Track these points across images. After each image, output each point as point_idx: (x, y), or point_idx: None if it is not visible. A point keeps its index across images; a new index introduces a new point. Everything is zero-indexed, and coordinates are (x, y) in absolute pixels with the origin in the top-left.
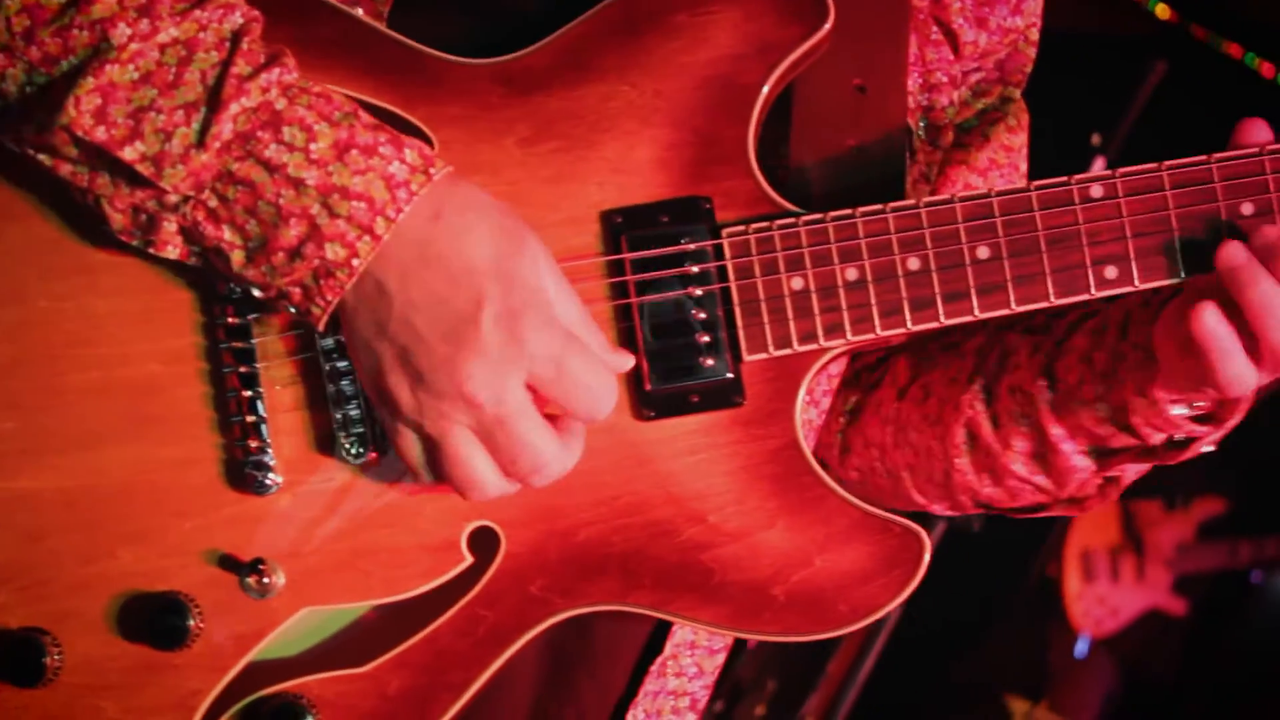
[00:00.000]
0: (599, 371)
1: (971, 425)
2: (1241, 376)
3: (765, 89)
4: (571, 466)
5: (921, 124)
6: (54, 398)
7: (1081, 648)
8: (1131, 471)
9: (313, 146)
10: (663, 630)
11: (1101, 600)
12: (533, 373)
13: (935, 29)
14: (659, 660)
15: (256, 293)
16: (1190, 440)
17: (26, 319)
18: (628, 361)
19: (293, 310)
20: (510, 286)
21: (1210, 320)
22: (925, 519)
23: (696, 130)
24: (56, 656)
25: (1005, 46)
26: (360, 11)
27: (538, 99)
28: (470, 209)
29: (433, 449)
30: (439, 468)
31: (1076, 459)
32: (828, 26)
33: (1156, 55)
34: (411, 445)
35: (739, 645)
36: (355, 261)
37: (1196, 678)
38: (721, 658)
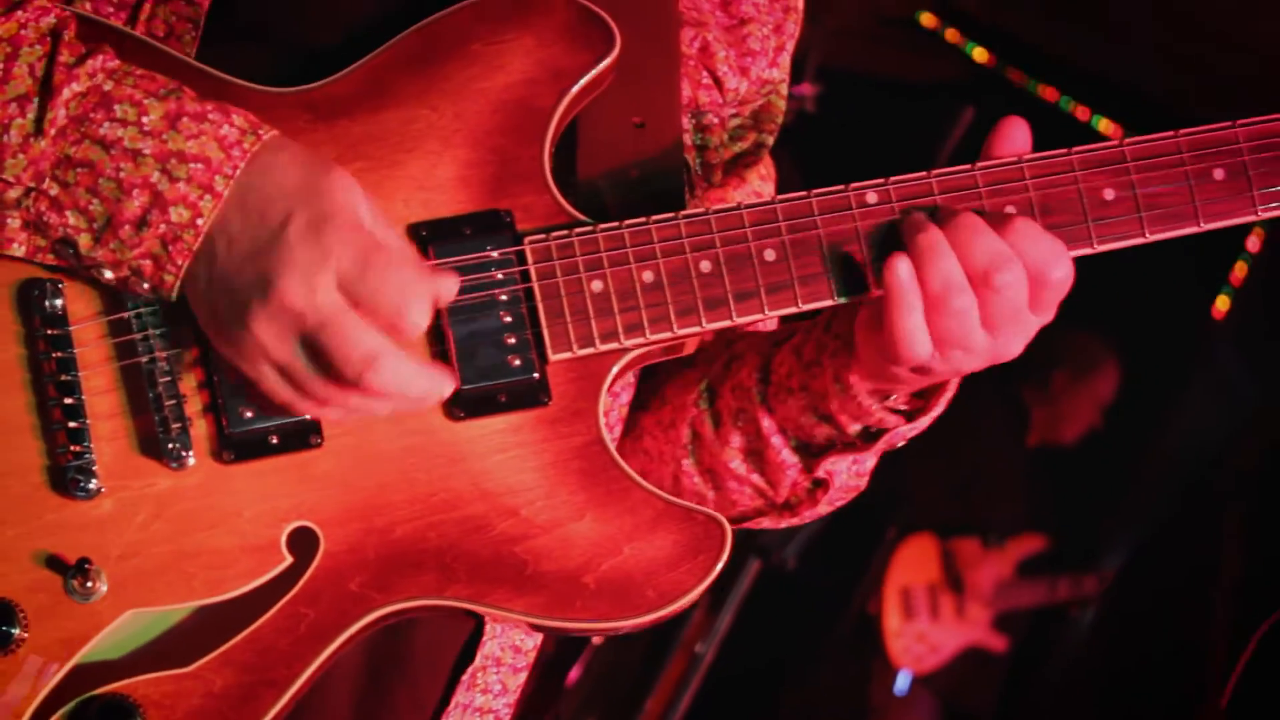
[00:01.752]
0: (407, 270)
1: (695, 424)
2: (915, 333)
3: (559, 111)
4: (407, 372)
5: (697, 161)
6: None
7: (902, 684)
8: (840, 476)
9: (145, 119)
10: (474, 640)
11: (921, 637)
12: (340, 271)
13: (705, 74)
14: (470, 670)
15: (108, 274)
16: (882, 430)
17: None
18: (454, 281)
19: (144, 286)
20: (315, 200)
21: (902, 269)
22: (740, 558)
23: (495, 149)
24: None
25: (761, 96)
26: (168, 48)
27: (342, 124)
28: (283, 149)
29: (289, 374)
30: (304, 389)
31: (785, 454)
32: (615, 53)
33: (967, 100)
34: (274, 383)
35: (558, 680)
36: (199, 221)
37: (1015, 713)
38: (524, 676)
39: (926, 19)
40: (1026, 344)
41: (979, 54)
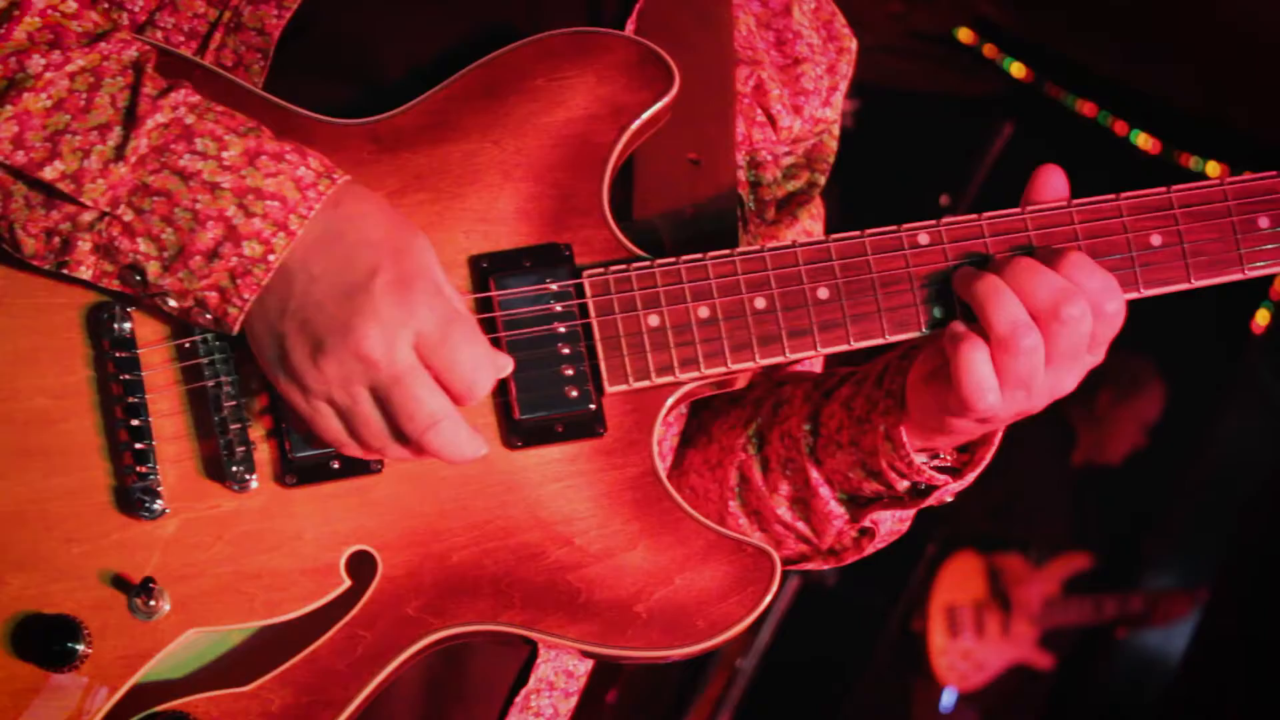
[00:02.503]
0: (481, 345)
1: (744, 468)
2: (984, 381)
3: (618, 147)
4: (463, 438)
5: (751, 198)
6: None
7: (947, 702)
8: (885, 525)
9: (225, 154)
10: (529, 664)
11: (967, 655)
12: (420, 334)
13: (759, 112)
14: (523, 692)
15: (172, 303)
16: (932, 488)
17: None
18: (507, 362)
19: (208, 317)
20: (402, 259)
21: (959, 326)
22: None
23: (555, 184)
24: None
25: (814, 135)
26: (237, 78)
27: (405, 156)
28: (367, 200)
29: (347, 417)
30: (357, 435)
31: (833, 505)
32: (674, 90)
33: (1005, 115)
34: (329, 420)
35: (595, 698)
36: (271, 257)
37: None
38: (575, 701)
39: (964, 35)
40: (1079, 382)
41: (1017, 69)
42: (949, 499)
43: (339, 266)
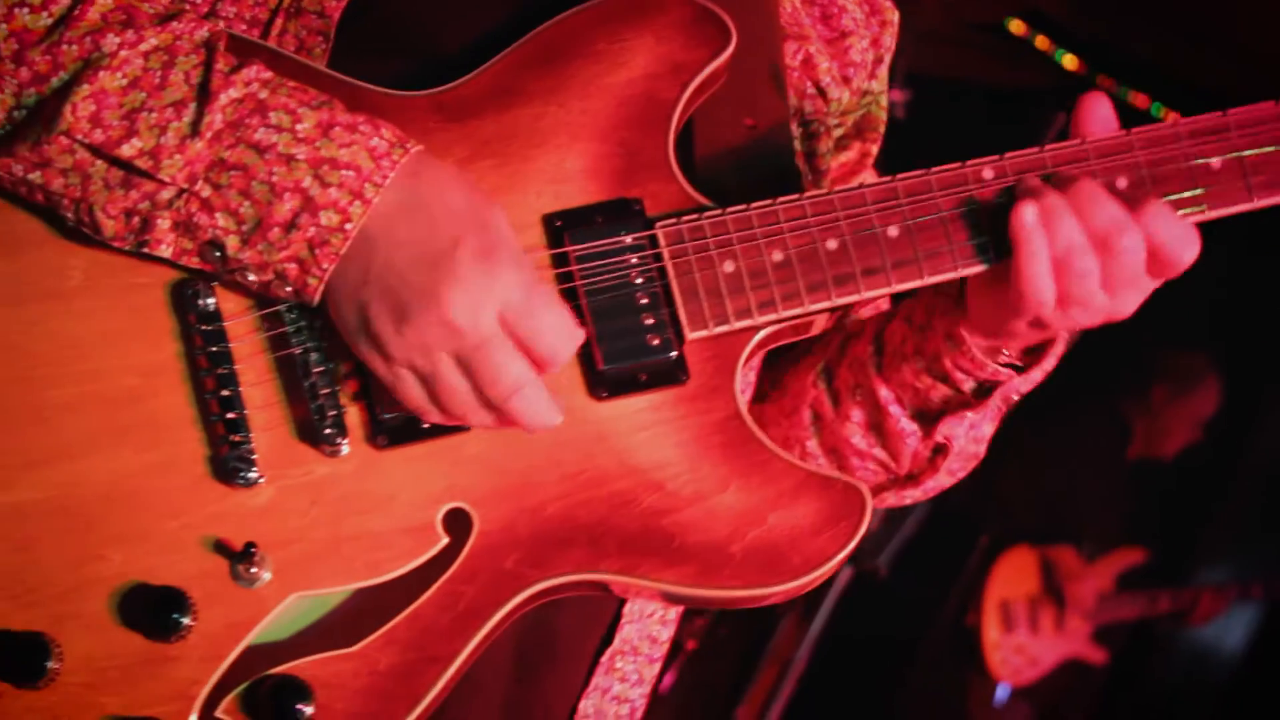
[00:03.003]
0: (563, 314)
1: (815, 405)
2: (1041, 279)
3: (680, 103)
4: (544, 405)
5: (807, 167)
6: (33, 415)
7: (1000, 696)
8: (959, 440)
9: (299, 127)
10: (613, 625)
11: (1021, 650)
12: (505, 303)
13: (809, 85)
14: (609, 652)
15: (252, 276)
16: (996, 384)
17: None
18: (582, 333)
19: (288, 289)
20: (484, 228)
21: (1028, 214)
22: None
23: (621, 142)
24: (57, 657)
25: (862, 107)
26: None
27: (472, 124)
28: (444, 169)
29: (429, 383)
30: (439, 400)
31: (904, 422)
32: (732, 46)
33: (1057, 107)
34: (410, 386)
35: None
36: (348, 226)
37: None
38: (658, 668)
39: (1016, 26)
40: (1140, 304)
41: (1069, 61)
42: (1016, 398)
43: (423, 235)
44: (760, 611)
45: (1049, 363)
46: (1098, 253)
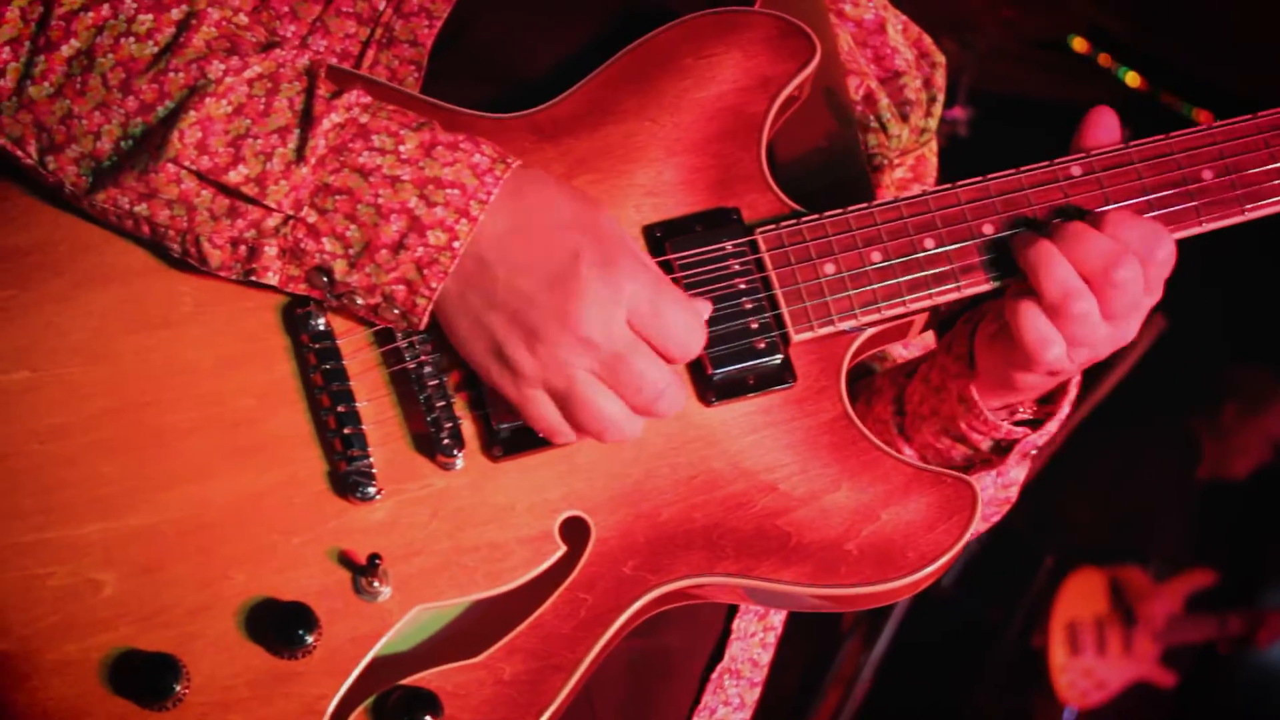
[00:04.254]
0: (689, 309)
1: None
2: (1044, 334)
3: (770, 115)
4: (681, 399)
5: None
6: (154, 440)
7: (1069, 718)
8: (988, 491)
9: (401, 148)
10: (722, 641)
11: (1088, 673)
12: (632, 308)
13: (871, 119)
14: (719, 669)
15: (360, 301)
16: (1012, 442)
17: (117, 373)
18: (707, 306)
19: (394, 313)
20: (598, 237)
21: (1018, 289)
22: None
23: (715, 154)
24: (185, 678)
25: (920, 145)
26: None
27: (567, 142)
28: (547, 182)
29: (564, 401)
30: (575, 418)
31: None
32: (817, 58)
33: (1120, 123)
34: (543, 407)
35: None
36: (456, 244)
37: None
38: (757, 693)
39: (1078, 44)
40: (1141, 324)
41: (1132, 79)
42: (1033, 451)
43: (540, 255)
44: (825, 632)
45: (1063, 410)
46: (1098, 290)
